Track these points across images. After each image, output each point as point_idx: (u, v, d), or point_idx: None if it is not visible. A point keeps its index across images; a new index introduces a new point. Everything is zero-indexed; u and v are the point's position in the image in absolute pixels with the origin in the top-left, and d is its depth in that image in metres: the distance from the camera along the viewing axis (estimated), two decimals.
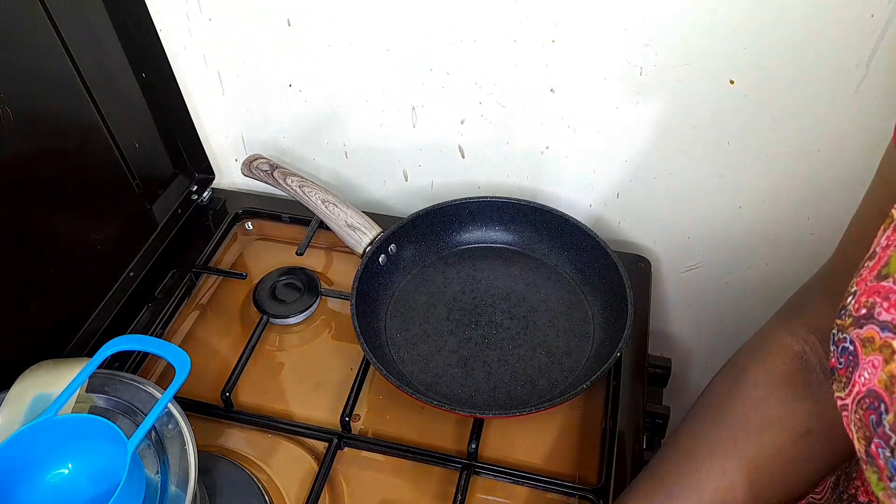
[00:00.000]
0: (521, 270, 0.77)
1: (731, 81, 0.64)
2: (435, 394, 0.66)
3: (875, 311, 0.32)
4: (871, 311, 0.32)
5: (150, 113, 0.75)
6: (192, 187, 0.83)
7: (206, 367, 0.70)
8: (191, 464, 0.50)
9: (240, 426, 0.65)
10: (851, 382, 0.33)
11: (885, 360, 0.30)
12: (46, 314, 0.62)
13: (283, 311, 0.73)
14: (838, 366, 0.35)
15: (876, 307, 0.32)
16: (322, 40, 0.71)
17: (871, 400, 0.31)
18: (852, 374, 0.33)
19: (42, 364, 0.55)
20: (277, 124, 0.82)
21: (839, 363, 0.34)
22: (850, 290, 0.35)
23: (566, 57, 0.66)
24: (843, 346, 0.34)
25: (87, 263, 0.67)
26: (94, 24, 0.65)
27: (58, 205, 0.62)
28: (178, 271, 0.78)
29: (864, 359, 0.32)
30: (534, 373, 0.67)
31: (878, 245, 0.34)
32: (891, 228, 0.34)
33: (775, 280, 0.81)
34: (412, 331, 0.71)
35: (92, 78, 0.63)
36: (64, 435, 0.49)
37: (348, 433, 0.64)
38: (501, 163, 0.79)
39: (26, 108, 0.56)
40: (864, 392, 0.32)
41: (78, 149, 0.64)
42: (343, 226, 0.72)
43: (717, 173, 0.73)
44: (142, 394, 0.53)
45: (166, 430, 0.52)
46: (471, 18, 0.65)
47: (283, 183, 0.76)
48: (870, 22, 0.57)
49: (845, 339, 0.34)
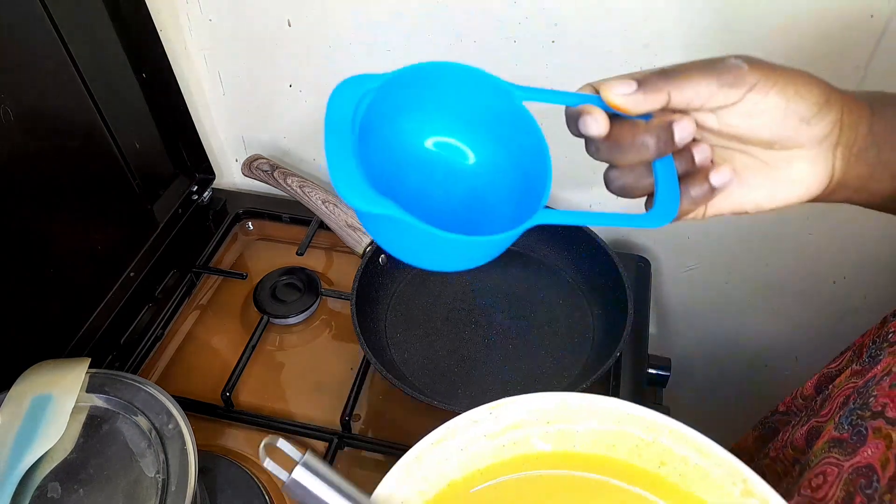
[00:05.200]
0: (521, 271, 0.77)
1: None
2: (435, 393, 0.66)
3: (885, 410, 0.41)
4: (884, 410, 0.41)
5: (150, 113, 0.75)
6: (193, 187, 0.83)
7: (206, 366, 0.70)
8: (191, 463, 0.50)
9: (240, 426, 0.65)
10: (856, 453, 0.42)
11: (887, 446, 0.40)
12: (46, 314, 0.63)
13: (283, 311, 0.73)
14: (850, 440, 0.44)
15: (887, 408, 0.41)
16: (322, 41, 0.71)
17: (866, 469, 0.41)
18: (857, 448, 0.42)
19: (42, 364, 0.55)
20: (278, 124, 0.82)
21: (851, 438, 0.44)
22: (871, 393, 0.44)
23: (566, 57, 0.66)
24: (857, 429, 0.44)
25: (87, 263, 0.67)
26: (95, 24, 0.65)
27: (58, 205, 0.62)
28: (178, 271, 0.78)
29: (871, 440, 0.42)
30: (533, 373, 0.67)
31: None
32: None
33: (775, 280, 0.82)
34: (412, 331, 0.71)
35: (92, 78, 0.63)
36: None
37: (348, 433, 0.64)
38: None
39: (26, 108, 0.56)
40: (864, 463, 0.41)
41: (78, 149, 0.64)
42: (343, 226, 0.73)
43: None
44: (142, 394, 0.54)
45: (166, 429, 0.52)
46: (471, 19, 0.65)
47: (284, 183, 0.76)
48: (868, 23, 0.57)
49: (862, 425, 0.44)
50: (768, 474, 0.58)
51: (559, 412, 0.48)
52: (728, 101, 0.35)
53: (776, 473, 0.57)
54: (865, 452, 0.43)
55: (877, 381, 0.45)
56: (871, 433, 0.43)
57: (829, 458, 0.46)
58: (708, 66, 0.35)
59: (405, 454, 0.46)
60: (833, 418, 0.49)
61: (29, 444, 0.49)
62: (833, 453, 0.46)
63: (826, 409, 0.52)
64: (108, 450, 0.51)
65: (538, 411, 0.48)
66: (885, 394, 0.43)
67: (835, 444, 0.46)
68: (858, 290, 0.80)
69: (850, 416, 0.46)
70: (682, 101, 0.36)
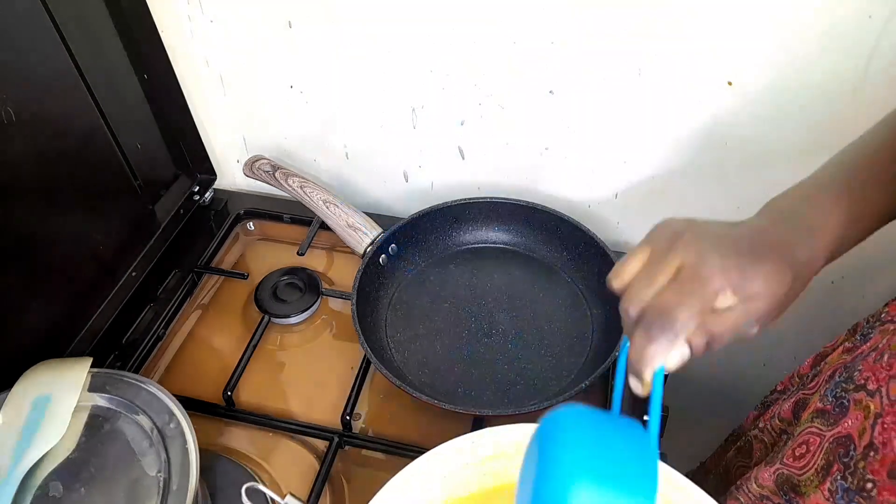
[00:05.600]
0: (521, 270, 0.77)
1: (730, 82, 0.64)
2: (435, 392, 0.66)
3: (867, 383, 0.44)
4: (865, 382, 0.43)
5: (151, 114, 0.75)
6: (194, 188, 0.83)
7: (207, 366, 0.70)
8: (192, 462, 0.50)
9: (241, 425, 0.66)
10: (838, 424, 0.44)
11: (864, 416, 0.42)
12: (47, 314, 0.63)
13: (284, 310, 0.73)
14: (833, 411, 0.46)
15: (869, 380, 0.43)
16: (323, 42, 0.71)
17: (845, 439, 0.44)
18: (839, 420, 0.45)
19: (43, 364, 0.55)
20: (279, 125, 0.82)
21: (833, 410, 0.46)
22: (857, 368, 0.46)
23: (565, 58, 0.66)
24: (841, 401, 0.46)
25: (88, 264, 0.67)
26: (96, 26, 0.65)
27: (60, 205, 0.62)
28: (179, 271, 0.78)
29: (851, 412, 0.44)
30: (533, 372, 0.67)
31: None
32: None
33: None
34: (412, 330, 0.71)
35: (93, 79, 0.64)
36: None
37: (349, 432, 0.64)
38: (501, 163, 0.79)
39: (28, 109, 0.56)
40: (844, 433, 0.44)
41: (80, 150, 0.64)
42: (344, 226, 0.73)
43: (716, 174, 0.73)
44: (144, 393, 0.54)
45: (168, 429, 0.52)
46: (470, 19, 0.65)
47: (285, 183, 0.76)
48: (868, 23, 0.57)
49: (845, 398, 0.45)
50: (756, 444, 0.59)
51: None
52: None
53: (764, 443, 0.59)
54: (846, 423, 0.44)
55: (863, 357, 0.47)
56: (853, 405, 0.44)
57: (812, 427, 0.48)
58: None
59: (391, 479, 0.48)
60: (819, 391, 0.51)
61: (31, 444, 0.50)
62: (816, 423, 0.48)
63: (814, 383, 0.54)
64: (110, 449, 0.51)
65: (515, 444, 0.50)
66: (869, 367, 0.45)
67: (818, 414, 0.48)
68: (858, 290, 0.80)
69: (836, 388, 0.47)
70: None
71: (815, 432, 0.47)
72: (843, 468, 0.43)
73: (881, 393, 0.42)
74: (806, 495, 0.46)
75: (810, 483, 0.45)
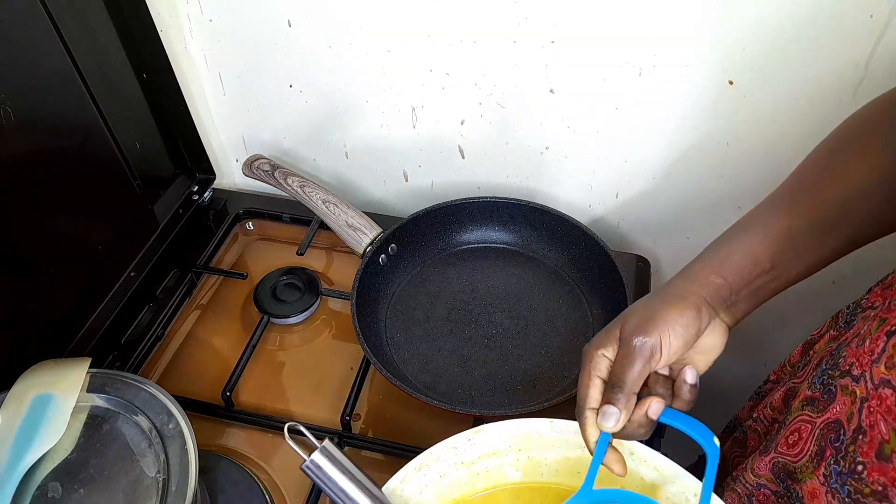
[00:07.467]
0: (521, 270, 0.77)
1: (731, 82, 0.64)
2: (435, 393, 0.66)
3: (851, 369, 0.45)
4: (850, 368, 0.45)
5: (150, 113, 0.75)
6: (193, 187, 0.83)
7: (207, 366, 0.70)
8: (191, 463, 0.50)
9: (240, 425, 0.65)
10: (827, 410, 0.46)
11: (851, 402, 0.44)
12: (47, 314, 0.63)
13: (283, 310, 0.73)
14: (821, 398, 0.48)
15: (853, 366, 0.45)
16: (322, 41, 0.71)
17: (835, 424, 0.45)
18: (828, 406, 0.46)
19: (42, 364, 0.55)
20: (278, 125, 0.82)
21: (822, 397, 0.48)
22: (841, 354, 0.48)
23: (565, 58, 0.66)
24: (828, 388, 0.47)
25: (87, 263, 0.67)
26: (95, 25, 0.65)
27: (58, 205, 0.62)
28: (179, 271, 0.78)
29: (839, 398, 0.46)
30: (533, 372, 0.67)
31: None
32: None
33: None
34: (412, 330, 0.71)
35: (92, 78, 0.63)
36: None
37: (349, 432, 0.64)
38: (501, 163, 0.79)
39: (27, 108, 0.56)
40: (833, 419, 0.45)
41: (79, 149, 0.64)
42: (343, 226, 0.73)
43: (716, 173, 0.73)
44: (143, 393, 0.54)
45: (167, 429, 0.52)
46: (471, 19, 0.65)
47: (284, 183, 0.76)
48: (868, 23, 0.57)
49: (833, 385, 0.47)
50: (750, 434, 0.60)
51: (529, 439, 0.52)
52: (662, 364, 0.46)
53: (758, 433, 0.59)
54: (834, 409, 0.46)
55: (847, 343, 0.48)
56: (840, 391, 0.45)
57: (803, 415, 0.49)
58: (632, 358, 0.44)
59: (389, 480, 0.48)
60: (808, 379, 0.52)
61: (29, 444, 0.50)
62: (806, 411, 0.49)
63: (803, 372, 0.56)
64: (109, 449, 0.51)
65: (511, 438, 0.52)
66: (852, 353, 0.46)
67: (808, 402, 0.49)
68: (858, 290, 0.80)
69: (822, 376, 0.48)
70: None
71: (806, 420, 0.48)
72: (835, 452, 0.44)
73: (865, 377, 0.43)
74: (802, 482, 0.47)
75: (806, 469, 0.47)
